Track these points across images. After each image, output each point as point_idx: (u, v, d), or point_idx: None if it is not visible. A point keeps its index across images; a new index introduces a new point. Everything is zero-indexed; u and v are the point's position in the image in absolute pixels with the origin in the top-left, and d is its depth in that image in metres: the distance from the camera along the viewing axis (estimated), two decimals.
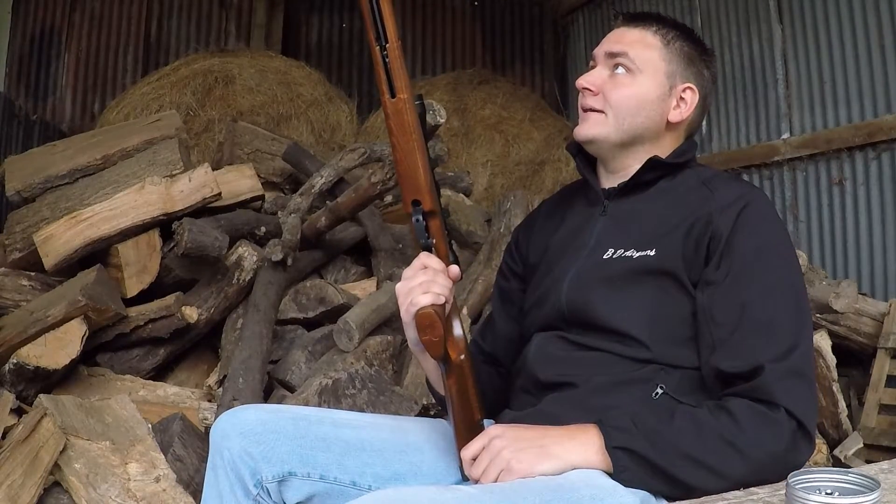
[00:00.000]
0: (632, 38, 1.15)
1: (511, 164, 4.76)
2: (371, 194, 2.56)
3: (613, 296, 1.06)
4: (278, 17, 5.12)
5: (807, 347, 1.00)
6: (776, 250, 1.04)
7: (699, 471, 0.93)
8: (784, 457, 0.94)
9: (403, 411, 2.02)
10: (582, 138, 1.16)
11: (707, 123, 4.04)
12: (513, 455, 0.95)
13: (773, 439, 0.93)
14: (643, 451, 0.94)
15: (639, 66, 1.13)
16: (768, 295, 1.01)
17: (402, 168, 1.02)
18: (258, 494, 1.03)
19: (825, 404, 2.40)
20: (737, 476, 0.93)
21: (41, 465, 1.67)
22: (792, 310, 1.01)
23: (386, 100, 1.00)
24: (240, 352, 2.17)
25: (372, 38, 0.98)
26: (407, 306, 1.03)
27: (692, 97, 1.16)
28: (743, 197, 1.06)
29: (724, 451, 0.93)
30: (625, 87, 1.13)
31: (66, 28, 4.73)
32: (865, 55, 3.14)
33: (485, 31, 5.54)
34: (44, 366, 2.08)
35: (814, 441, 0.98)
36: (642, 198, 1.14)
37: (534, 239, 1.27)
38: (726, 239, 1.03)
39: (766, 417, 0.94)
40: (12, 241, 2.59)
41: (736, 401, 0.96)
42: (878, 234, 3.12)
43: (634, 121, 1.13)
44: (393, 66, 0.98)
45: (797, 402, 0.95)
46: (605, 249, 1.11)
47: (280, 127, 4.31)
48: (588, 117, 1.15)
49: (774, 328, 0.99)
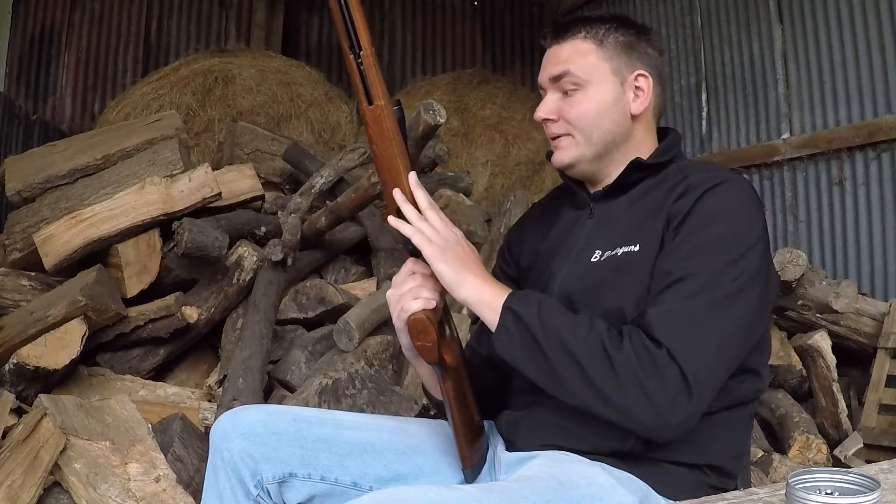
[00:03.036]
0: (566, 54, 1.13)
1: (511, 164, 4.77)
2: (371, 194, 2.56)
3: (602, 297, 1.06)
4: (278, 17, 5.12)
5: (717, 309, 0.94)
6: (724, 222, 1.00)
7: (571, 366, 0.94)
8: (659, 401, 0.91)
9: (403, 411, 2.02)
10: (560, 166, 1.17)
11: (707, 123, 4.05)
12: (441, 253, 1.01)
13: (648, 374, 0.91)
14: (531, 323, 0.96)
15: (584, 77, 1.12)
16: (696, 254, 0.98)
17: (385, 174, 1.03)
18: (258, 495, 1.03)
19: (825, 404, 2.40)
20: (605, 390, 0.92)
21: (41, 465, 1.67)
22: (708, 271, 0.96)
23: (364, 107, 1.00)
24: (240, 352, 2.17)
25: (346, 47, 0.98)
26: (398, 312, 1.04)
27: (646, 82, 1.15)
28: (712, 180, 1.04)
29: (599, 358, 0.93)
30: (580, 104, 1.12)
31: (66, 28, 4.73)
32: (865, 55, 3.15)
33: (485, 31, 5.54)
34: (44, 366, 2.07)
35: (694, 402, 0.91)
36: (627, 197, 1.14)
37: (525, 242, 1.27)
38: (682, 216, 1.02)
39: (647, 350, 0.92)
40: (12, 241, 2.59)
41: (630, 327, 0.96)
42: (878, 234, 3.12)
43: (601, 129, 1.13)
44: (368, 73, 0.98)
45: (682, 347, 0.91)
46: (593, 252, 1.10)
47: (280, 127, 4.31)
48: (558, 145, 1.15)
49: (686, 281, 0.96)
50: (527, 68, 5.53)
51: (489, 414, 1.17)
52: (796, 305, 2.50)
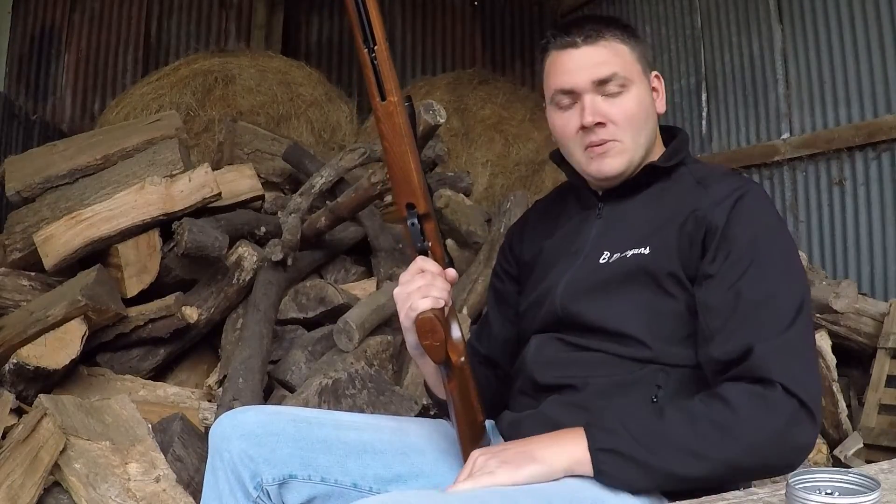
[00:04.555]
0: (606, 55, 1.10)
1: (511, 164, 4.76)
2: (371, 194, 2.56)
3: (609, 299, 1.06)
4: (278, 17, 5.12)
5: (804, 326, 0.97)
6: (771, 237, 1.02)
7: (689, 459, 0.91)
8: (784, 434, 0.91)
9: (403, 411, 2.01)
10: (612, 174, 1.11)
11: (707, 123, 4.05)
12: (498, 464, 0.94)
13: (771, 418, 0.90)
14: (629, 450, 0.92)
15: (629, 78, 1.10)
16: (762, 279, 0.98)
17: (396, 171, 1.01)
18: (258, 497, 1.02)
19: (825, 404, 2.40)
20: (733, 459, 0.91)
21: (41, 465, 1.67)
22: (787, 291, 0.98)
23: (377, 103, 0.98)
24: (240, 352, 2.17)
25: (359, 41, 0.96)
26: (406, 311, 1.02)
27: (660, 83, 1.17)
28: (737, 189, 1.05)
29: (717, 436, 0.91)
30: (626, 104, 1.09)
31: (66, 28, 4.73)
32: (865, 55, 3.14)
33: (485, 31, 5.54)
34: (44, 366, 2.07)
35: (817, 420, 0.93)
36: (637, 199, 1.13)
37: (527, 240, 1.26)
38: (722, 231, 1.02)
39: (761, 397, 0.91)
40: (12, 241, 2.59)
41: (729, 385, 0.94)
42: (878, 234, 3.12)
43: (647, 131, 1.12)
44: (382, 68, 0.96)
45: (795, 378, 0.92)
46: (601, 253, 1.10)
47: (280, 127, 4.31)
48: (608, 151, 1.10)
49: (768, 309, 0.97)
50: (527, 68, 5.53)
51: (489, 413, 1.16)
52: None
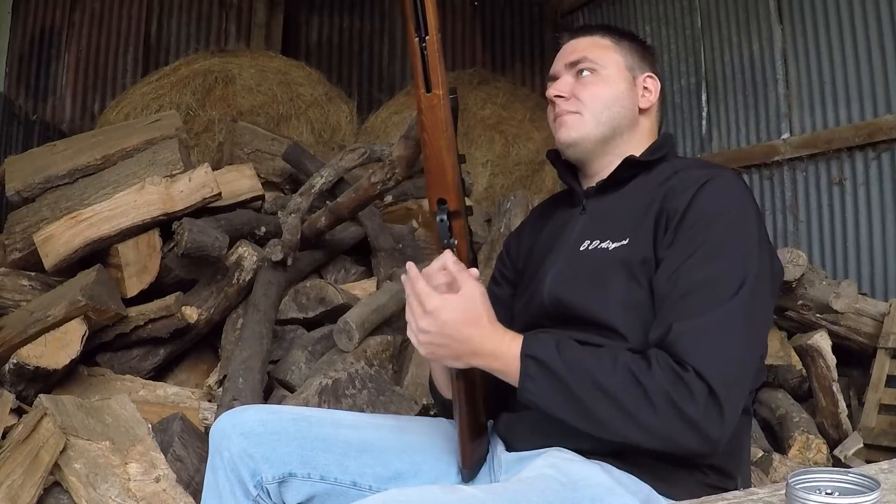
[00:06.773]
0: (585, 45, 1.19)
1: (511, 164, 4.77)
2: (371, 194, 2.56)
3: (592, 288, 1.06)
4: (278, 17, 5.12)
5: (739, 308, 0.94)
6: (728, 221, 1.00)
7: (605, 401, 0.91)
8: (695, 421, 0.89)
9: (403, 411, 2.01)
10: (566, 141, 1.17)
11: (707, 123, 4.05)
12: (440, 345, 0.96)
13: (682, 397, 0.89)
14: (554, 365, 0.93)
15: (601, 64, 1.17)
16: (706, 262, 0.97)
17: (431, 165, 1.00)
18: (258, 495, 1.03)
19: (825, 404, 2.40)
20: (645, 421, 0.90)
21: (41, 465, 1.67)
22: (728, 274, 0.95)
23: (421, 94, 0.97)
24: (240, 352, 2.17)
25: (411, 30, 0.96)
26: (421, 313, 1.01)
27: (654, 85, 1.20)
28: (705, 176, 1.05)
29: (634, 391, 0.91)
30: (594, 85, 1.16)
31: (66, 28, 4.73)
32: (865, 55, 3.14)
33: (485, 31, 5.54)
34: (44, 366, 2.07)
35: (726, 410, 0.90)
36: (619, 194, 1.15)
37: (522, 245, 1.29)
38: (680, 216, 1.02)
39: (676, 374, 0.90)
40: (12, 241, 2.59)
41: (656, 350, 0.94)
42: (878, 234, 3.12)
43: (611, 112, 1.16)
44: (431, 59, 0.95)
45: (709, 362, 0.90)
46: (582, 243, 1.12)
47: (280, 127, 4.31)
48: (565, 121, 1.17)
49: (701, 292, 0.95)
50: (527, 68, 5.53)
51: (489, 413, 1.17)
52: (796, 305, 2.50)
